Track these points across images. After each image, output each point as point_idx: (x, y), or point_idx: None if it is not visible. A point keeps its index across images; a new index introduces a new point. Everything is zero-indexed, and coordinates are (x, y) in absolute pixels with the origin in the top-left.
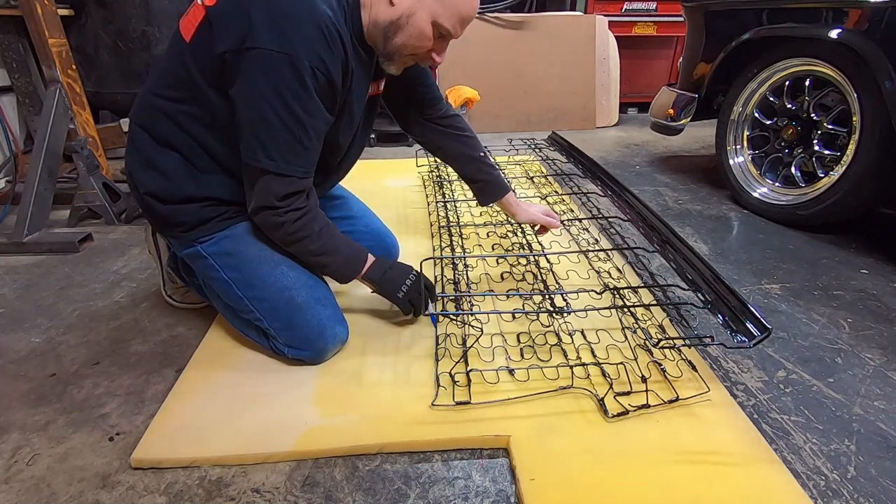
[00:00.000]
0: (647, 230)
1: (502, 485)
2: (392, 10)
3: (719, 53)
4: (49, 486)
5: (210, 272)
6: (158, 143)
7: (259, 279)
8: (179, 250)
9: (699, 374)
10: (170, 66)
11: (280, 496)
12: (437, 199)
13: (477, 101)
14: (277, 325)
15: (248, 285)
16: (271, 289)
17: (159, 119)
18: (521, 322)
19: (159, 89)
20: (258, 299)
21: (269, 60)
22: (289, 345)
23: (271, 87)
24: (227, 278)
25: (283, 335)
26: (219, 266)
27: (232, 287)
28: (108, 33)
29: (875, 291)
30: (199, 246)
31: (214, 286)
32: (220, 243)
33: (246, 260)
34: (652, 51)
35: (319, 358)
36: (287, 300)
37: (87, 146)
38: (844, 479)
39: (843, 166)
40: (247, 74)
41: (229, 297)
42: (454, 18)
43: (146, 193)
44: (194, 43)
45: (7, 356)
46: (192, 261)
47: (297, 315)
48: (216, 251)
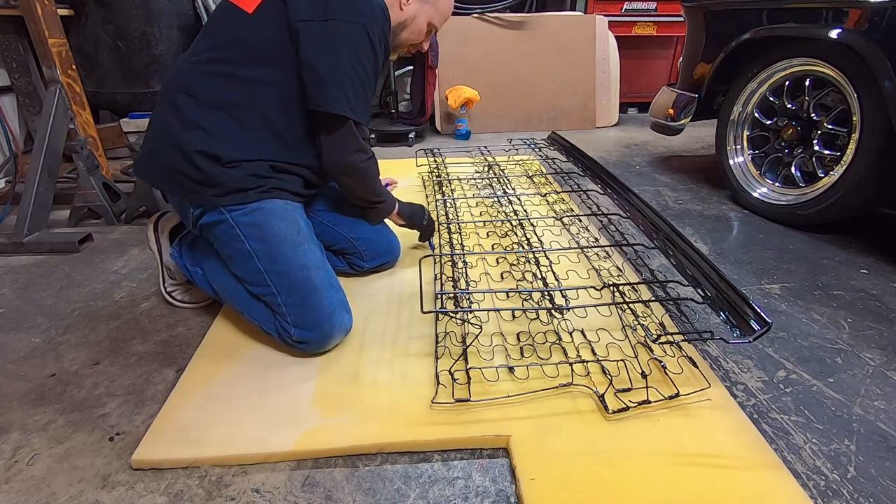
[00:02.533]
0: (647, 227)
1: (502, 485)
2: (401, 13)
3: (719, 53)
4: (49, 486)
5: (233, 242)
6: (202, 104)
7: (282, 255)
8: (203, 217)
9: (699, 371)
10: (222, 32)
11: (280, 496)
12: (436, 198)
13: (477, 101)
14: (291, 301)
15: (271, 259)
16: (292, 265)
17: (204, 80)
18: (521, 320)
19: (209, 54)
20: (277, 273)
21: (348, 28)
22: (297, 324)
23: (351, 48)
24: (251, 249)
25: (294, 313)
26: (245, 236)
27: (254, 259)
28: (108, 33)
29: (875, 291)
30: (228, 214)
31: (235, 256)
32: (251, 215)
33: (273, 234)
34: (652, 51)
35: (324, 342)
36: (305, 279)
37: (87, 146)
38: (844, 479)
39: (843, 166)
40: (328, 39)
41: (247, 269)
42: (442, 18)
43: (197, 151)
44: (259, 13)
45: (7, 356)
46: (213, 228)
47: (312, 295)
48: (245, 222)
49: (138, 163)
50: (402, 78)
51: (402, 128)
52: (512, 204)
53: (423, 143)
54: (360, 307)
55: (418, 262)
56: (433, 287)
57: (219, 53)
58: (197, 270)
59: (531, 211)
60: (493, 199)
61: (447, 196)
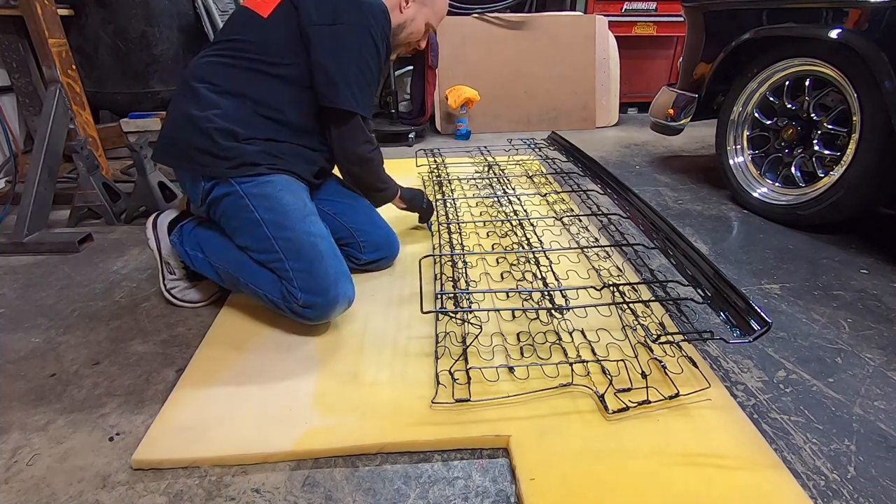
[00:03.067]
0: (647, 227)
1: (502, 485)
2: (401, 15)
3: (719, 53)
4: (49, 486)
5: (242, 212)
6: (218, 90)
7: (290, 222)
8: (214, 190)
9: (699, 371)
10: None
11: (280, 496)
12: (436, 198)
13: (477, 101)
14: (298, 266)
15: (279, 226)
16: (299, 232)
17: (221, 71)
18: (521, 320)
19: (226, 51)
20: (285, 240)
21: (354, 31)
22: (304, 289)
23: (358, 50)
24: (260, 218)
25: (301, 278)
26: (254, 206)
27: (262, 227)
28: (108, 33)
29: (875, 291)
30: (238, 186)
31: (244, 226)
32: (261, 187)
33: (281, 204)
34: (652, 51)
35: (328, 309)
36: (312, 245)
37: (87, 146)
38: (844, 479)
39: (843, 166)
40: (337, 42)
41: (255, 237)
42: (438, 18)
43: (215, 128)
44: (273, 18)
45: (7, 356)
46: (223, 200)
47: (318, 261)
48: (255, 193)
49: (156, 149)
50: (402, 78)
51: (402, 128)
52: (512, 204)
53: (423, 143)
54: (360, 307)
55: (418, 262)
56: (433, 287)
57: (236, 51)
58: (197, 254)
59: (531, 211)
60: (493, 199)
61: (447, 196)
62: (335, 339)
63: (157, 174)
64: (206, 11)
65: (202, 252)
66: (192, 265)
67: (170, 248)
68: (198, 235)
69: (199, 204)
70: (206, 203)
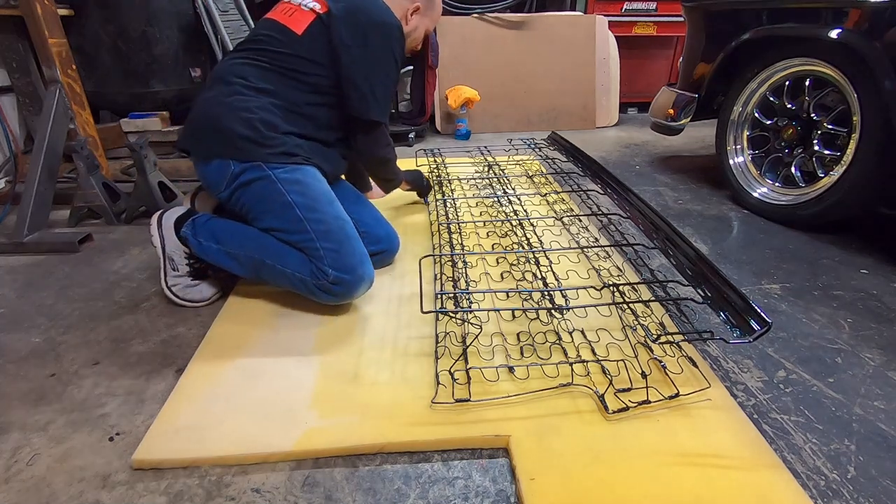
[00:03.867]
0: (647, 227)
1: (502, 485)
2: (406, 27)
3: (719, 53)
4: (49, 486)
5: (273, 195)
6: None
7: (320, 206)
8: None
9: (699, 371)
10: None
11: (280, 496)
12: (436, 197)
13: (477, 101)
14: (329, 245)
15: (310, 209)
16: (329, 215)
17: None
18: (521, 320)
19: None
20: (316, 221)
21: (381, 52)
22: (334, 266)
23: (383, 68)
24: (292, 201)
25: (331, 256)
26: (286, 190)
27: (294, 209)
28: (108, 33)
29: (875, 291)
30: (270, 171)
31: (274, 209)
32: (292, 173)
33: (312, 190)
34: (652, 51)
35: (355, 286)
36: (340, 227)
37: (87, 146)
38: (844, 479)
39: (844, 166)
40: (367, 62)
41: (286, 218)
42: (434, 24)
43: (259, 119)
44: (307, 35)
45: (7, 356)
46: (252, 184)
47: (346, 242)
48: (287, 178)
49: (186, 136)
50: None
51: (402, 128)
52: (512, 204)
53: (423, 143)
54: (361, 307)
55: (418, 262)
56: (433, 287)
57: (270, 58)
58: (211, 245)
59: (531, 211)
60: (493, 199)
61: (447, 196)
62: (335, 339)
63: (158, 174)
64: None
65: (217, 242)
66: (205, 256)
67: (175, 244)
68: (212, 226)
69: (222, 188)
70: (232, 187)
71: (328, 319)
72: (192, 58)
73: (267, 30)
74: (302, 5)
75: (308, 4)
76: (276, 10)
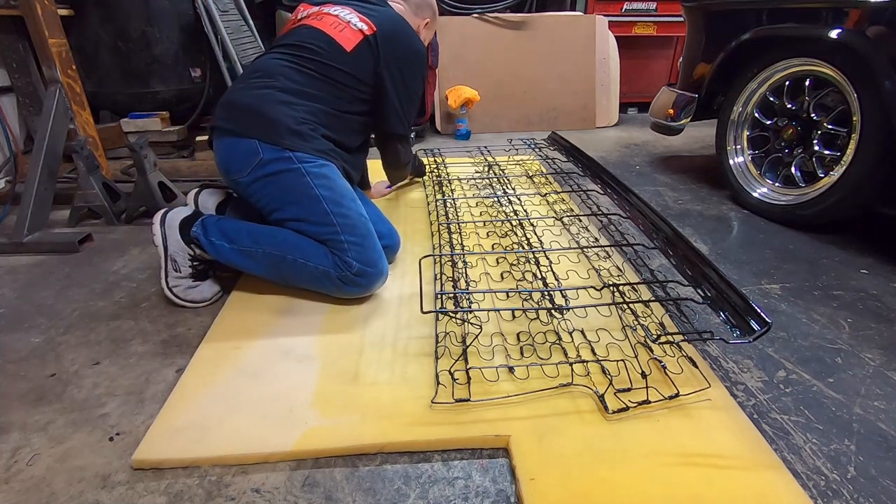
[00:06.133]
0: (647, 227)
1: (502, 485)
2: None
3: (719, 53)
4: (49, 486)
5: (301, 187)
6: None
7: (346, 201)
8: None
9: (699, 371)
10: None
11: (280, 496)
12: (436, 197)
13: (477, 101)
14: (353, 239)
15: (337, 203)
16: (353, 211)
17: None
18: (521, 320)
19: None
20: (342, 216)
21: (416, 79)
22: (358, 260)
23: (416, 93)
24: (319, 195)
25: (355, 250)
26: (314, 184)
27: (321, 202)
28: (108, 33)
29: (875, 291)
30: (300, 165)
31: (301, 200)
32: (322, 169)
33: (338, 186)
34: (652, 51)
35: (375, 279)
36: (363, 223)
37: (87, 146)
38: (844, 479)
39: (843, 166)
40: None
41: (313, 210)
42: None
43: (302, 118)
44: (355, 54)
45: (7, 356)
46: (281, 174)
47: (369, 237)
48: (317, 172)
49: (225, 114)
50: None
51: None
52: (512, 204)
53: (423, 143)
54: (361, 307)
55: (418, 262)
56: (433, 287)
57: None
58: (223, 244)
59: (531, 211)
60: (493, 199)
61: (447, 196)
62: (335, 339)
63: (158, 174)
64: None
65: (229, 242)
66: (219, 256)
67: (180, 245)
68: (223, 226)
69: (245, 173)
70: (257, 175)
71: (328, 320)
72: (192, 58)
73: (314, 39)
74: (351, 24)
75: (357, 24)
76: (323, 21)
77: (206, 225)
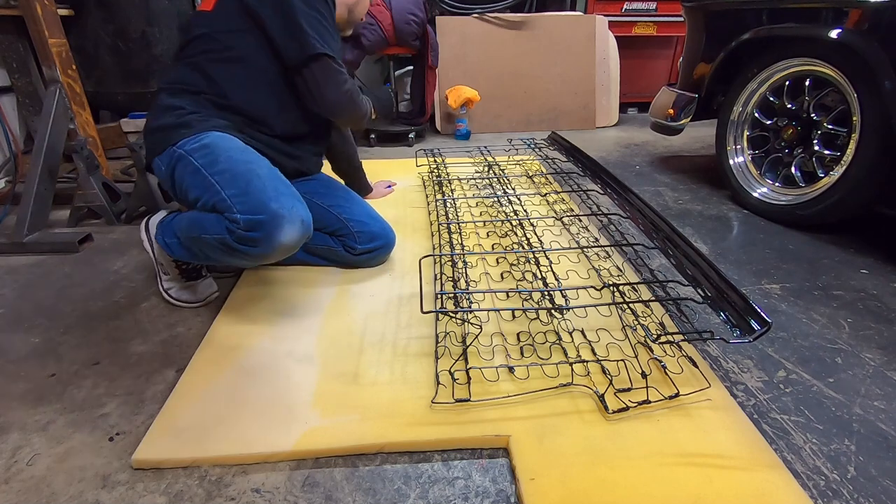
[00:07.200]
0: (647, 227)
1: (502, 485)
2: None
3: (719, 53)
4: (49, 486)
5: (186, 169)
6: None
7: (226, 157)
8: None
9: (699, 371)
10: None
11: (280, 496)
12: (436, 198)
13: (477, 101)
14: (234, 191)
15: (213, 164)
16: (235, 162)
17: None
18: (521, 320)
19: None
20: (220, 172)
21: None
22: (242, 210)
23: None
24: (198, 164)
25: (239, 201)
26: (194, 158)
27: (201, 171)
28: (108, 33)
29: (875, 291)
30: (182, 150)
31: (192, 183)
32: (200, 142)
33: (219, 147)
34: (652, 51)
35: (275, 227)
36: (247, 170)
37: (87, 146)
38: (844, 479)
39: (843, 166)
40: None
41: (198, 185)
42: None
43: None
44: (217, 7)
45: (7, 356)
46: (175, 170)
47: (255, 180)
48: (194, 147)
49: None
50: (402, 78)
51: (402, 128)
52: (512, 204)
53: (423, 143)
54: (361, 307)
55: (418, 262)
56: (433, 287)
57: (189, 51)
58: (173, 241)
59: (531, 211)
60: (493, 199)
61: (447, 196)
62: (335, 339)
63: None
64: None
65: (174, 236)
66: (172, 253)
67: (160, 249)
68: (172, 224)
69: (171, 188)
70: (170, 184)
71: (328, 319)
72: None
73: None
74: None
75: None
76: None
77: (163, 226)
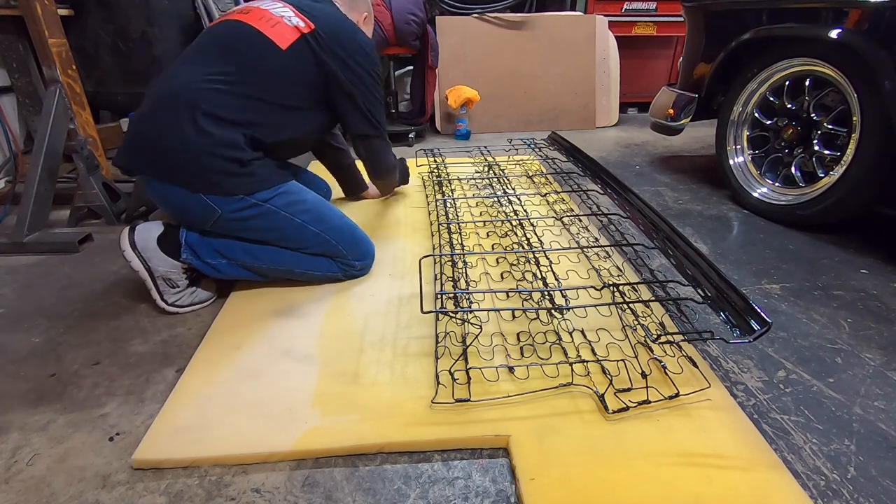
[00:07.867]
0: (647, 227)
1: (502, 485)
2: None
3: (719, 53)
4: (49, 486)
5: (281, 223)
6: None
7: (325, 214)
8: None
9: (699, 371)
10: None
11: (280, 496)
12: (436, 198)
13: (477, 101)
14: (346, 243)
15: (319, 220)
16: (335, 218)
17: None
18: (521, 320)
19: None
20: (330, 229)
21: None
22: (357, 258)
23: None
24: (302, 221)
25: (352, 251)
26: (290, 213)
27: (307, 227)
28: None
29: (875, 291)
30: (267, 204)
31: (287, 233)
32: (286, 197)
33: (310, 203)
34: (652, 51)
35: (370, 262)
36: (346, 223)
37: (87, 146)
38: (844, 479)
39: (843, 166)
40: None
41: (303, 238)
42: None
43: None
44: (292, 51)
45: (7, 356)
46: (252, 220)
47: (356, 232)
48: (284, 203)
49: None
50: (402, 78)
51: (402, 128)
52: (512, 204)
53: (423, 143)
54: (360, 307)
55: (418, 262)
56: (433, 287)
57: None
58: (221, 261)
59: (531, 211)
60: (493, 199)
61: (447, 196)
62: (335, 339)
63: None
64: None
65: (223, 257)
66: (219, 274)
67: (170, 264)
68: (213, 244)
69: (209, 224)
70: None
71: (328, 319)
72: None
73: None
74: (285, 19)
75: (292, 20)
76: (251, 15)
77: (194, 247)
